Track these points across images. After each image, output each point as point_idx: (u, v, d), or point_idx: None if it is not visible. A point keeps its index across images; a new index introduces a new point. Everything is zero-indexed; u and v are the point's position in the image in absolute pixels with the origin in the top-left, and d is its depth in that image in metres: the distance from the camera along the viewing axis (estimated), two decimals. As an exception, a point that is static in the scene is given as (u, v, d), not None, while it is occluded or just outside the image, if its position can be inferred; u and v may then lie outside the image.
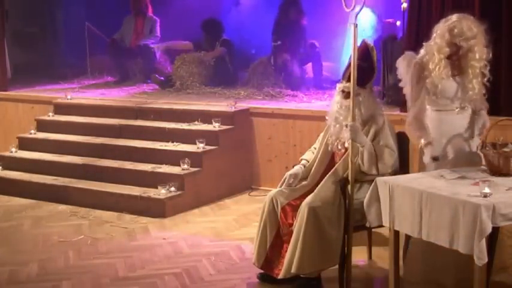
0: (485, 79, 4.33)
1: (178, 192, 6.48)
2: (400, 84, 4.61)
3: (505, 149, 4.10)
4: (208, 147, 6.84)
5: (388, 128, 4.59)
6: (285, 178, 4.76)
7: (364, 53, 4.62)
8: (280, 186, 4.74)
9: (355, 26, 4.35)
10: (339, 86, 4.66)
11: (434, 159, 4.29)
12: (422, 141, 4.38)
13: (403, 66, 4.54)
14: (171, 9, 9.81)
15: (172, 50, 9.53)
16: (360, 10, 4.34)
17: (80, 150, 7.37)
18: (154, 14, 9.72)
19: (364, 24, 8.30)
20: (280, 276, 4.53)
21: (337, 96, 4.69)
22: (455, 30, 4.27)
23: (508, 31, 6.05)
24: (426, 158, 4.41)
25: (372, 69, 4.65)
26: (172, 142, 7.04)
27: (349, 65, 4.47)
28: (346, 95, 4.55)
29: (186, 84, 8.67)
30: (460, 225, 3.62)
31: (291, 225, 4.50)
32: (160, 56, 9.63)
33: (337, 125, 4.61)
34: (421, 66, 4.37)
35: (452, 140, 4.33)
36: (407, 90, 4.52)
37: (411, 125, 4.40)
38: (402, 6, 6.96)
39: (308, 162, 4.85)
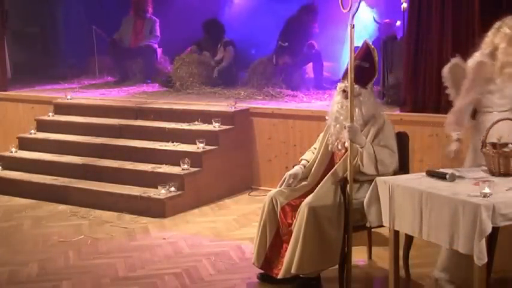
0: None
1: (178, 192, 6.48)
2: (447, 91, 4.65)
3: (505, 149, 4.10)
4: (208, 147, 6.84)
5: (389, 128, 4.60)
6: (285, 178, 4.76)
7: (365, 53, 4.64)
8: (280, 187, 4.74)
9: (352, 27, 4.36)
10: (340, 86, 4.66)
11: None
12: (455, 135, 4.42)
13: (451, 72, 4.60)
14: (170, 9, 9.81)
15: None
16: (356, 11, 4.35)
17: (80, 150, 7.37)
18: (154, 14, 9.72)
19: (365, 22, 8.31)
20: (279, 276, 4.52)
21: (337, 96, 4.69)
22: None
23: (508, 31, 6.05)
24: (451, 152, 4.44)
25: (373, 69, 4.65)
26: (172, 142, 7.04)
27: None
28: (347, 94, 4.54)
29: (186, 84, 8.67)
30: (460, 225, 3.62)
31: (290, 225, 4.50)
32: (161, 57, 9.63)
33: (338, 125, 4.61)
34: (487, 68, 4.35)
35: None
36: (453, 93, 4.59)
37: (454, 115, 4.42)
38: (402, 6, 6.96)
39: (308, 162, 4.85)
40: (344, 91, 4.60)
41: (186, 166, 6.62)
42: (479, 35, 6.01)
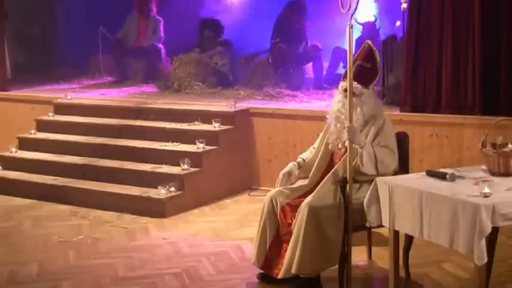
0: None
1: (178, 192, 6.48)
2: None
3: (505, 149, 4.10)
4: (208, 147, 6.84)
5: (389, 128, 4.59)
6: (279, 178, 4.77)
7: (367, 54, 4.64)
8: (277, 187, 4.74)
9: (351, 26, 4.37)
10: (342, 85, 4.66)
11: None
12: None
13: None
14: (169, 9, 9.81)
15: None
16: (355, 11, 4.36)
17: (80, 150, 7.37)
18: (157, 13, 9.73)
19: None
20: (279, 276, 4.52)
21: (339, 95, 4.69)
22: None
23: (508, 31, 6.06)
24: None
25: (375, 70, 4.66)
26: (172, 142, 7.04)
27: (353, 65, 4.49)
28: (348, 93, 4.55)
29: (184, 84, 8.66)
30: (459, 225, 3.62)
31: (290, 224, 4.50)
32: (165, 58, 9.62)
33: (338, 124, 4.61)
34: None
35: None
36: None
37: None
38: (402, 6, 6.96)
39: (304, 160, 4.85)
40: (346, 90, 4.59)
41: (186, 166, 6.62)
42: (479, 34, 6.05)
